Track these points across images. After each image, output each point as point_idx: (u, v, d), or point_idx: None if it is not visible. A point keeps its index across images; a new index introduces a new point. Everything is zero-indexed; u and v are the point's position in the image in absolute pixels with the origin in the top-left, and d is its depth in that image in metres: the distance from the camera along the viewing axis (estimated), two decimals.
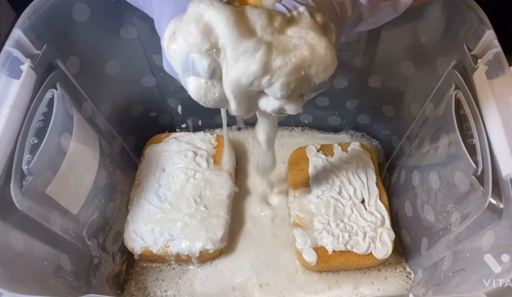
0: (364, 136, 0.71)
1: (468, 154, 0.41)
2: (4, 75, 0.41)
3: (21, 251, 0.38)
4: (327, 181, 0.59)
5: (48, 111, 0.44)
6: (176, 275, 0.56)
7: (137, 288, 0.56)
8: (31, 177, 0.40)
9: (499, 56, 0.40)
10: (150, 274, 0.57)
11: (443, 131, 0.46)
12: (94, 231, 0.53)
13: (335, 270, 0.55)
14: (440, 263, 0.46)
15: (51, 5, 0.45)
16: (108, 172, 0.56)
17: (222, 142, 0.65)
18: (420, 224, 0.52)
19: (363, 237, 0.54)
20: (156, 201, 0.58)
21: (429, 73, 0.51)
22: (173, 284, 0.56)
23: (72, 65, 0.50)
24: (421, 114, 0.54)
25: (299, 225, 0.55)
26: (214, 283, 0.55)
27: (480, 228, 0.39)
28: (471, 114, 0.42)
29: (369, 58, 0.57)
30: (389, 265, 0.56)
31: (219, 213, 0.57)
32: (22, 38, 0.43)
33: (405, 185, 0.56)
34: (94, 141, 0.53)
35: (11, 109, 0.39)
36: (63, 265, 0.45)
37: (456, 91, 0.45)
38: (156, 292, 0.55)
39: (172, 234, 0.55)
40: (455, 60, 0.46)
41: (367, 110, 0.67)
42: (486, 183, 0.38)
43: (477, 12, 0.44)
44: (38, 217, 0.42)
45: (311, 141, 0.67)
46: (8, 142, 0.39)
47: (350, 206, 0.56)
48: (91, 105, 0.54)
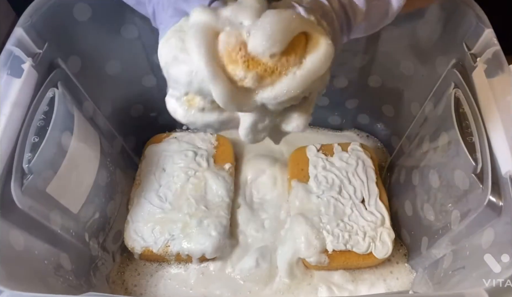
0: (364, 136, 0.71)
1: (467, 152, 0.41)
2: (6, 74, 0.41)
3: (21, 250, 0.38)
4: (327, 181, 0.59)
5: (49, 110, 0.44)
6: (176, 275, 0.56)
7: (137, 287, 0.56)
8: (32, 175, 0.40)
9: (498, 54, 0.41)
10: (150, 273, 0.57)
11: (443, 130, 0.47)
12: (94, 230, 0.53)
13: (335, 269, 0.55)
14: (440, 262, 0.46)
15: (53, 4, 0.45)
16: (109, 171, 0.56)
17: (222, 142, 0.65)
18: (420, 223, 0.52)
19: (363, 236, 0.54)
20: (156, 201, 0.58)
21: (429, 72, 0.52)
22: (173, 284, 0.56)
23: (73, 64, 0.50)
24: (420, 114, 0.54)
25: (299, 224, 0.55)
26: (215, 283, 0.55)
27: (479, 226, 0.39)
28: (471, 113, 0.42)
29: (369, 58, 0.57)
30: (389, 265, 0.56)
31: (219, 212, 0.57)
32: (24, 37, 0.43)
33: (405, 184, 0.57)
34: (94, 141, 0.53)
35: (12, 108, 0.40)
36: (63, 264, 0.45)
37: (455, 90, 0.45)
38: (156, 292, 0.55)
39: (172, 234, 0.55)
40: (454, 59, 0.47)
41: (367, 110, 0.67)
42: (485, 181, 0.39)
43: (476, 11, 0.44)
44: (38, 216, 0.42)
45: (311, 141, 0.67)
46: (9, 140, 0.39)
47: (350, 206, 0.56)
48: (92, 105, 0.54)
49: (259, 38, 0.27)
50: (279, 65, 0.28)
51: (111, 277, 0.55)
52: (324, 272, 0.56)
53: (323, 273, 0.56)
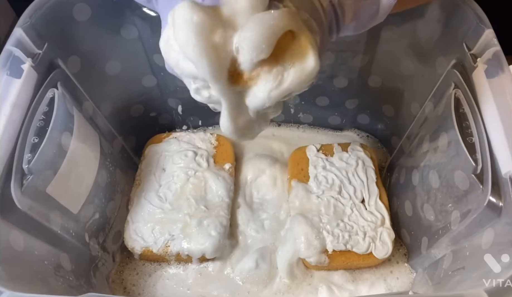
0: (364, 136, 0.71)
1: (467, 153, 0.41)
2: (5, 74, 0.41)
3: (21, 250, 0.38)
4: (327, 181, 0.59)
5: (49, 110, 0.44)
6: (176, 275, 0.56)
7: (135, 287, 0.56)
8: (32, 176, 0.40)
9: (498, 54, 0.41)
10: (149, 273, 0.57)
11: (443, 130, 0.46)
12: (94, 230, 0.53)
13: (335, 269, 0.55)
14: (440, 262, 0.46)
15: (52, 5, 0.45)
16: (109, 171, 0.56)
17: (222, 141, 0.65)
18: (420, 223, 0.52)
19: (363, 236, 0.54)
20: (156, 201, 0.58)
21: (429, 73, 0.51)
22: (171, 284, 0.56)
23: (73, 65, 0.50)
24: (420, 114, 0.54)
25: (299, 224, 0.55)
26: (214, 283, 0.55)
27: (479, 226, 0.39)
28: (471, 113, 0.42)
29: (369, 58, 0.57)
30: (389, 264, 0.56)
31: (219, 213, 0.57)
32: (23, 37, 0.43)
33: (405, 184, 0.57)
34: (94, 141, 0.53)
35: (12, 108, 0.40)
36: (63, 265, 0.45)
37: (455, 90, 0.45)
38: (154, 292, 0.55)
39: (172, 234, 0.55)
40: (454, 59, 0.46)
41: (367, 110, 0.67)
42: (485, 181, 0.39)
43: (476, 11, 0.44)
44: (38, 216, 0.42)
45: (311, 141, 0.67)
46: (8, 141, 0.39)
47: (350, 206, 0.56)
48: (92, 105, 0.54)
49: (246, 51, 0.28)
50: (262, 73, 0.30)
51: (110, 277, 0.56)
52: (324, 272, 0.56)
53: (323, 273, 0.56)
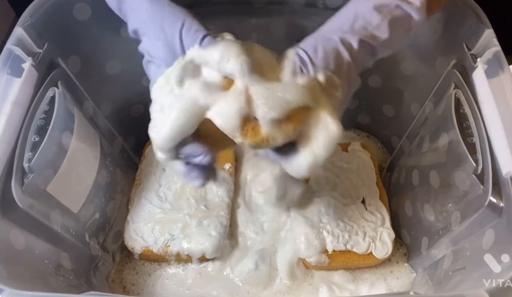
0: (364, 136, 0.71)
1: (468, 153, 0.41)
2: (6, 73, 0.41)
3: (22, 249, 0.38)
4: (327, 181, 0.59)
5: (49, 110, 0.44)
6: (175, 275, 0.56)
7: (134, 286, 0.56)
8: (32, 175, 0.40)
9: (498, 55, 0.41)
10: (149, 273, 0.57)
11: (443, 130, 0.47)
12: (94, 230, 0.53)
13: (335, 269, 0.55)
14: (441, 262, 0.46)
15: (53, 4, 0.45)
16: (109, 171, 0.56)
17: None
18: (420, 223, 0.52)
19: (363, 236, 0.54)
20: (156, 201, 0.58)
21: (429, 73, 0.51)
22: (171, 284, 0.56)
23: (73, 64, 0.50)
24: (421, 114, 0.54)
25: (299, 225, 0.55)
26: (213, 284, 0.55)
27: (480, 226, 0.39)
28: (471, 113, 0.42)
29: None
30: (390, 265, 0.56)
31: (219, 213, 0.57)
32: (24, 36, 0.43)
33: (405, 184, 0.57)
34: (94, 140, 0.53)
35: (12, 107, 0.40)
36: (63, 264, 0.45)
37: (455, 90, 0.45)
38: (154, 291, 0.55)
39: (172, 234, 0.55)
40: (454, 59, 0.47)
41: (367, 110, 0.67)
42: (486, 181, 0.39)
43: (476, 11, 0.44)
44: (39, 215, 0.42)
45: None
46: (9, 139, 0.39)
47: (350, 206, 0.56)
48: (92, 104, 0.54)
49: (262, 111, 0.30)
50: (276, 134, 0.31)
51: (110, 276, 0.55)
52: (325, 272, 0.56)
53: (324, 273, 0.56)
